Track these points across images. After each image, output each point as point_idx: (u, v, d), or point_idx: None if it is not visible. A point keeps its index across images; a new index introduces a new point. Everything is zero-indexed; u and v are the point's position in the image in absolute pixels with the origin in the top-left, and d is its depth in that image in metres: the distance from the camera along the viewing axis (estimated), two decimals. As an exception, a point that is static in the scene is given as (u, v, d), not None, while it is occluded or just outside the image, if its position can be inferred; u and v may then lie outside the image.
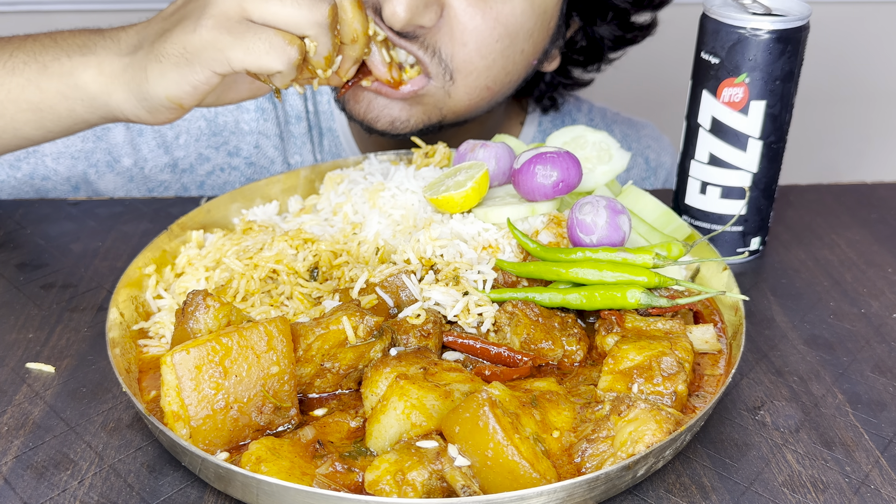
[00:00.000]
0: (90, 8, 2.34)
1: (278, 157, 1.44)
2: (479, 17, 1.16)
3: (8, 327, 0.99)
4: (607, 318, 0.90)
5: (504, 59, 1.21)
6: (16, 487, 0.77)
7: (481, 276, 0.94)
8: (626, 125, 1.60)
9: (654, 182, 1.59)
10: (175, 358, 0.74)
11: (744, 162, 1.08)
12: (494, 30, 1.17)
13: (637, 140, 1.59)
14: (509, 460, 0.70)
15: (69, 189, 1.41)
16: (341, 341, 0.83)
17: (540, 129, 1.54)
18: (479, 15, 1.16)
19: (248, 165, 1.44)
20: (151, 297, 0.98)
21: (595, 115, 1.58)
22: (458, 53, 1.17)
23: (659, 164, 1.59)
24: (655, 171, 1.59)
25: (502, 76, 1.24)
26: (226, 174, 1.44)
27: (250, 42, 0.94)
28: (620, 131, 1.58)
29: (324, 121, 1.45)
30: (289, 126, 1.43)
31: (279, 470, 0.72)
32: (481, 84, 1.22)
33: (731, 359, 0.90)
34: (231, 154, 1.43)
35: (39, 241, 1.16)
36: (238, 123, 1.40)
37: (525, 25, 1.20)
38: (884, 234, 1.21)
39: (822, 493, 0.78)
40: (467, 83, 1.21)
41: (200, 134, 1.41)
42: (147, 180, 1.43)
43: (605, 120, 1.58)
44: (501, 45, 1.19)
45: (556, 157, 0.98)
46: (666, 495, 0.77)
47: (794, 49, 1.03)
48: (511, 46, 1.21)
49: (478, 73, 1.20)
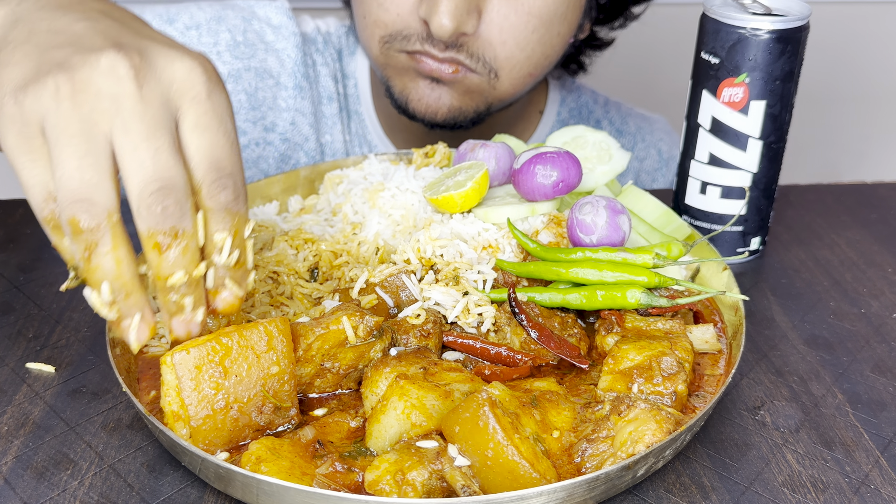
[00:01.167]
0: (90, 8, 2.33)
1: (312, 135, 1.45)
2: (514, 14, 1.22)
3: (8, 327, 0.99)
4: (607, 318, 0.90)
5: (542, 45, 1.27)
6: (16, 487, 0.77)
7: (481, 276, 0.94)
8: (640, 119, 1.64)
9: (665, 173, 1.62)
10: (175, 358, 0.74)
11: (744, 162, 1.08)
12: (529, 23, 1.23)
13: (650, 133, 1.63)
14: (509, 460, 0.70)
15: None
16: (341, 341, 0.83)
17: (559, 121, 1.57)
18: (512, 12, 1.22)
19: (283, 141, 1.45)
20: (151, 297, 0.98)
21: (611, 108, 1.62)
22: (500, 53, 1.24)
23: (671, 156, 1.63)
24: (668, 162, 1.62)
25: (542, 61, 1.30)
26: (260, 149, 1.44)
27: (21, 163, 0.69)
28: (635, 124, 1.62)
29: (351, 104, 1.48)
30: (321, 106, 1.46)
31: (279, 470, 0.72)
32: (524, 73, 1.29)
33: (731, 359, 0.90)
34: (267, 129, 1.43)
35: (39, 240, 1.16)
36: (276, 100, 1.41)
37: (558, 11, 1.26)
38: (884, 234, 1.21)
39: (822, 493, 0.78)
40: (511, 76, 1.28)
41: (240, 107, 1.41)
42: None
43: (619, 113, 1.62)
44: (538, 34, 1.25)
45: (556, 157, 0.98)
46: (666, 495, 0.77)
47: (794, 49, 1.03)
48: (547, 33, 1.26)
49: (520, 65, 1.27)
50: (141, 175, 0.67)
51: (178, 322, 0.73)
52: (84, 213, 0.66)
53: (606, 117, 1.60)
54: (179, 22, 1.36)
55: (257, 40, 1.39)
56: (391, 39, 1.25)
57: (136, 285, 0.70)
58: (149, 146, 0.67)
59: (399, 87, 1.30)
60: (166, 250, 0.69)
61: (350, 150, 1.48)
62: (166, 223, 0.68)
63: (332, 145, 1.47)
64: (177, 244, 0.69)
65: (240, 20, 1.39)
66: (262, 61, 1.39)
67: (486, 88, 1.28)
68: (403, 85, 1.29)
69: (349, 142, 1.48)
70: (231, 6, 1.41)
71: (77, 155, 0.66)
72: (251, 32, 1.39)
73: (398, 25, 1.24)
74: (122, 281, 0.69)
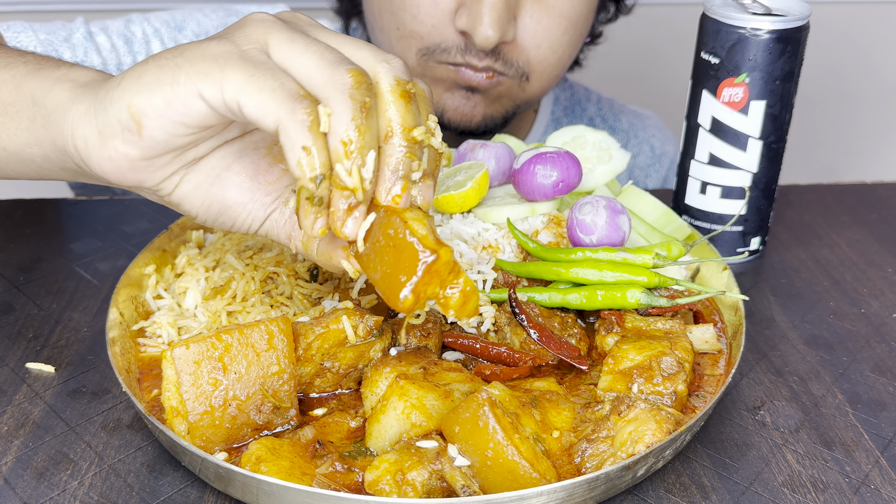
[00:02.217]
0: (90, 8, 2.34)
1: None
2: (546, 17, 1.24)
3: (8, 327, 0.99)
4: (607, 318, 0.90)
5: (571, 46, 1.31)
6: (16, 487, 0.77)
7: (481, 276, 0.94)
8: (633, 115, 1.65)
9: (658, 169, 1.63)
10: (175, 352, 0.74)
11: (744, 162, 1.08)
12: (560, 25, 1.26)
13: (643, 129, 1.64)
14: (509, 460, 0.70)
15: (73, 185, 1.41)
16: (341, 340, 0.83)
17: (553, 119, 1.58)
18: (546, 16, 1.24)
19: None
20: (151, 297, 0.98)
21: (603, 105, 1.63)
22: (532, 56, 1.27)
23: (663, 152, 1.64)
24: (660, 158, 1.63)
25: (568, 60, 1.33)
26: None
27: (259, 71, 0.68)
28: (627, 121, 1.63)
29: None
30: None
31: (279, 470, 0.72)
32: (554, 75, 1.32)
33: (731, 359, 0.90)
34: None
35: (39, 241, 1.16)
36: None
37: (583, 11, 1.28)
38: (884, 234, 1.21)
39: (822, 493, 0.78)
40: (542, 78, 1.31)
41: None
42: None
43: (612, 110, 1.63)
44: (568, 35, 1.28)
45: (556, 157, 0.98)
46: (666, 495, 0.77)
47: (794, 49, 1.03)
48: (576, 34, 1.29)
49: (551, 68, 1.30)
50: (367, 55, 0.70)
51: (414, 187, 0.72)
52: (353, 67, 0.67)
53: (599, 114, 1.61)
54: (188, 30, 1.37)
55: None
56: (429, 52, 1.26)
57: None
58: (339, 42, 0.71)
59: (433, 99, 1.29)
60: (411, 102, 0.70)
61: None
62: (406, 74, 0.71)
63: None
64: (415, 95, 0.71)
65: None
66: None
67: (517, 91, 1.30)
68: (438, 96, 1.30)
69: None
70: (233, 13, 1.42)
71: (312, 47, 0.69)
72: None
73: (435, 38, 1.24)
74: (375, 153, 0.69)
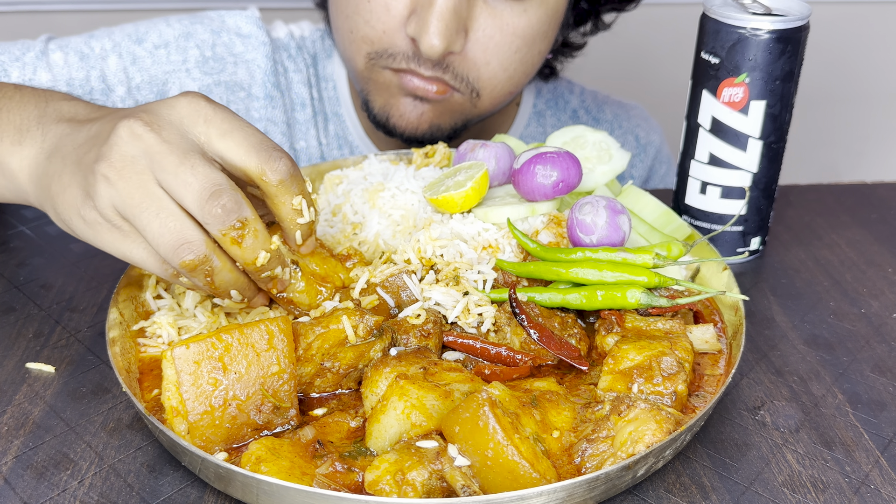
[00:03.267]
0: (90, 8, 2.34)
1: (285, 143, 1.46)
2: (499, 33, 1.22)
3: (8, 327, 0.99)
4: (607, 318, 0.90)
5: (524, 65, 1.28)
6: (16, 487, 0.77)
7: (481, 276, 0.94)
8: (617, 106, 1.64)
9: (643, 159, 1.62)
10: (175, 352, 0.74)
11: (744, 162, 1.08)
12: (513, 43, 1.24)
13: (627, 119, 1.63)
14: (509, 460, 0.70)
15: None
16: (341, 340, 0.83)
17: (535, 112, 1.57)
18: (497, 32, 1.22)
19: None
20: (151, 297, 0.98)
21: (587, 97, 1.62)
22: (483, 73, 1.25)
23: (648, 141, 1.63)
24: (645, 148, 1.62)
25: (522, 78, 1.31)
26: None
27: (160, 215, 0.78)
28: (611, 112, 1.62)
29: (329, 106, 1.48)
30: (294, 113, 1.46)
31: (279, 470, 0.72)
32: (505, 92, 1.30)
33: (731, 359, 0.90)
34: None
35: (39, 241, 1.16)
36: (248, 111, 1.42)
37: (540, 30, 1.26)
38: (884, 234, 1.21)
39: (822, 493, 0.78)
40: (492, 95, 1.29)
41: None
42: None
43: (595, 101, 1.62)
44: (520, 54, 1.26)
45: (556, 157, 0.98)
46: (666, 495, 0.77)
47: (794, 49, 1.03)
48: (529, 52, 1.27)
49: (501, 85, 1.28)
50: (191, 191, 0.77)
51: (279, 289, 0.87)
52: (188, 254, 0.78)
53: (583, 106, 1.60)
54: (148, 42, 1.36)
55: (226, 53, 1.39)
56: (377, 57, 1.25)
57: (248, 281, 0.85)
58: (185, 168, 0.77)
59: (380, 103, 1.30)
60: (244, 240, 0.79)
61: (327, 154, 1.48)
62: (231, 218, 0.78)
63: (306, 151, 1.47)
64: (248, 231, 0.79)
65: (209, 34, 1.39)
66: (231, 74, 1.40)
67: (468, 108, 1.29)
68: (385, 101, 1.29)
69: (326, 145, 1.48)
70: (201, 19, 1.41)
71: (153, 215, 0.77)
72: (220, 46, 1.39)
73: (384, 43, 1.23)
74: (241, 281, 0.84)
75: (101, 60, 1.33)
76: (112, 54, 1.34)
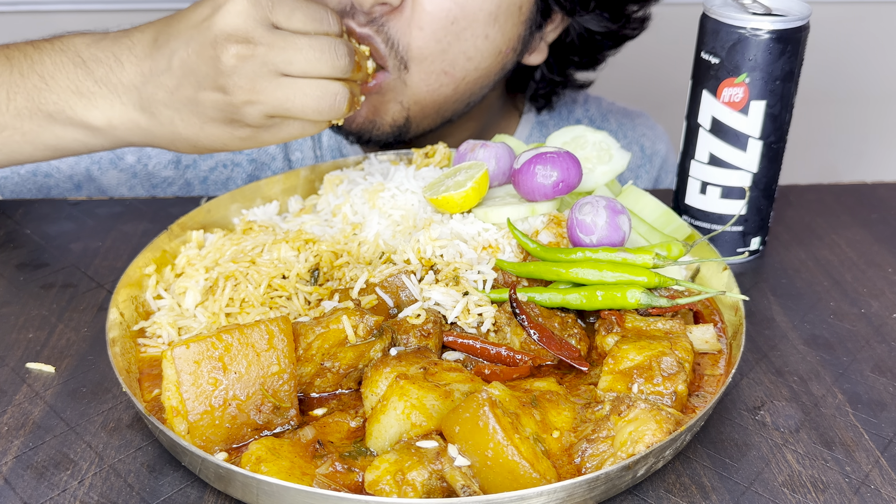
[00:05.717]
0: (90, 8, 2.34)
1: (279, 154, 1.45)
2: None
3: (8, 327, 0.99)
4: (607, 318, 0.90)
5: (462, 42, 1.20)
6: (16, 487, 0.77)
7: (481, 276, 0.94)
8: (622, 115, 1.61)
9: (649, 169, 1.60)
10: (175, 352, 0.74)
11: (744, 162, 1.08)
12: (450, 11, 1.16)
13: (632, 129, 1.60)
14: (509, 460, 0.70)
15: (71, 187, 1.41)
16: (341, 340, 0.83)
17: (538, 121, 1.54)
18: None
19: (250, 162, 1.45)
20: (151, 297, 0.98)
21: (591, 106, 1.59)
22: (414, 40, 1.17)
23: (654, 151, 1.60)
24: (651, 158, 1.60)
25: (462, 61, 1.22)
26: (228, 170, 1.44)
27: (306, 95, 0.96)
28: (616, 121, 1.59)
29: None
30: None
31: (279, 470, 0.72)
32: (437, 69, 1.21)
33: (731, 359, 0.90)
34: (235, 151, 1.43)
35: (39, 241, 1.16)
36: None
37: (485, 8, 1.19)
38: (884, 234, 1.21)
39: (822, 493, 0.78)
40: (422, 69, 1.20)
41: None
42: (150, 177, 1.43)
43: (600, 110, 1.59)
44: (457, 27, 1.18)
45: (556, 157, 0.98)
46: (666, 495, 0.77)
47: (794, 49, 1.03)
48: (469, 30, 1.19)
49: (432, 57, 1.19)
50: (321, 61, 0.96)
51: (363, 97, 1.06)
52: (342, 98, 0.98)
53: (586, 115, 1.58)
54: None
55: None
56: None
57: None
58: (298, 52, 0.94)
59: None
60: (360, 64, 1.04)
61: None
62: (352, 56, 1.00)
63: (301, 162, 1.46)
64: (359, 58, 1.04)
65: None
66: None
67: (398, 86, 1.21)
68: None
69: (321, 157, 1.46)
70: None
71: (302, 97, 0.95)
72: None
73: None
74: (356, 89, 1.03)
75: None
76: None
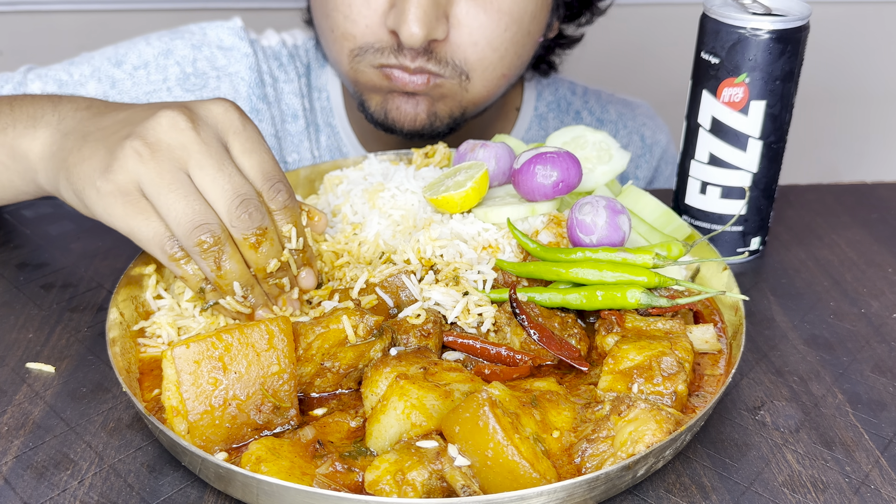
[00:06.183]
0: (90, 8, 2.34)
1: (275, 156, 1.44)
2: (483, 13, 1.21)
3: (8, 327, 0.99)
4: (607, 318, 0.90)
5: (515, 45, 1.26)
6: (16, 487, 0.77)
7: (481, 276, 0.94)
8: (622, 105, 1.61)
9: (649, 159, 1.60)
10: (175, 352, 0.74)
11: (744, 162, 1.08)
12: (501, 21, 1.22)
13: (632, 118, 1.60)
14: (509, 460, 0.70)
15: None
16: (341, 340, 0.83)
17: (537, 115, 1.55)
18: (482, 12, 1.21)
19: None
20: (151, 297, 0.98)
21: (590, 98, 1.59)
22: (471, 55, 1.23)
23: (654, 141, 1.61)
24: (651, 148, 1.60)
25: (515, 60, 1.29)
26: None
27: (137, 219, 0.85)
28: (616, 111, 1.59)
29: (322, 117, 1.46)
30: (285, 125, 1.44)
31: (279, 470, 0.72)
32: (498, 74, 1.28)
33: (731, 359, 0.90)
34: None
35: (39, 241, 1.16)
36: None
37: (528, 9, 1.24)
38: (884, 234, 1.21)
39: (822, 493, 0.78)
40: (484, 77, 1.26)
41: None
42: None
43: (599, 102, 1.59)
44: (510, 33, 1.24)
45: (556, 157, 0.98)
46: (666, 495, 0.77)
47: (794, 49, 1.03)
48: (519, 31, 1.25)
49: (493, 66, 1.26)
50: (224, 196, 0.84)
51: (285, 301, 0.91)
52: (206, 234, 0.83)
53: (586, 107, 1.58)
54: (127, 63, 1.35)
55: (208, 68, 1.38)
56: (361, 52, 1.23)
57: (254, 280, 0.89)
58: (223, 174, 0.85)
59: (375, 102, 1.29)
60: (260, 246, 0.86)
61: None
62: (254, 225, 0.85)
63: (298, 164, 1.45)
64: (265, 239, 0.86)
65: (189, 49, 1.37)
66: (214, 90, 1.38)
67: (459, 91, 1.26)
68: (380, 99, 1.28)
69: (319, 157, 1.46)
70: (182, 34, 1.39)
71: (181, 195, 0.83)
72: (202, 61, 1.38)
73: (368, 38, 1.22)
74: (247, 276, 0.87)
75: (80, 87, 1.32)
76: (91, 80, 1.33)
